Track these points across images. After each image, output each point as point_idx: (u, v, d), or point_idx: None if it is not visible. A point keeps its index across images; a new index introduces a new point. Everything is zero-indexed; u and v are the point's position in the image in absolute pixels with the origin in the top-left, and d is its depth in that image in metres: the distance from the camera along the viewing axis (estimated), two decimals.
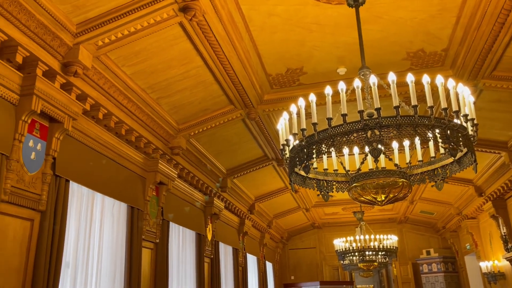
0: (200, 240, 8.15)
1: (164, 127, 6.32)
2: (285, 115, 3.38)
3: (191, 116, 6.55)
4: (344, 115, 2.79)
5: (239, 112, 6.72)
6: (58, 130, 4.25)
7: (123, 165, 5.66)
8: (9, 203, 3.70)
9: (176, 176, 6.81)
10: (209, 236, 8.67)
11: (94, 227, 4.99)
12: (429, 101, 2.75)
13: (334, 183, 3.72)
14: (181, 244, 7.45)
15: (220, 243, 9.41)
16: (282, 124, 3.35)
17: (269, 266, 14.79)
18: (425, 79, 2.89)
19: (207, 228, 8.55)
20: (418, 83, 2.96)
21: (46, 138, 4.21)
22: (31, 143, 4.01)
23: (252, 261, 12.53)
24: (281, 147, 3.30)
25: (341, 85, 2.94)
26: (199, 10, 4.20)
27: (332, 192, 3.77)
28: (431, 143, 3.48)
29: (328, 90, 2.97)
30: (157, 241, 6.37)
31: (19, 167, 3.83)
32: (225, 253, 9.93)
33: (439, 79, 2.90)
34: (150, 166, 6.23)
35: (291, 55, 5.61)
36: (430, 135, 2.79)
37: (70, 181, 4.50)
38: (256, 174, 9.61)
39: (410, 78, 2.87)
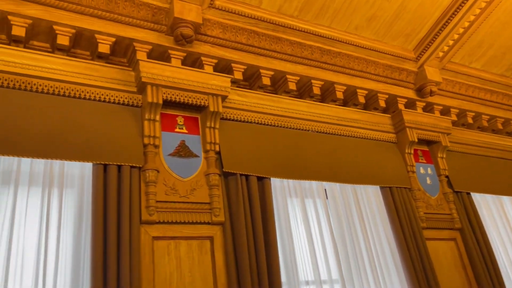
0: None
1: None
2: None
3: None
4: None
5: None
6: (439, 150, 4.38)
7: None
8: (428, 228, 3.98)
9: None
10: None
11: None
12: None
13: None
14: None
15: None
16: None
17: None
18: None
19: None
20: None
21: (432, 161, 4.40)
22: (421, 170, 4.28)
23: None
24: None
25: None
26: None
27: None
28: None
29: None
30: None
31: (422, 194, 4.12)
32: None
33: None
34: None
35: None
36: None
37: (471, 193, 4.45)
38: None
39: None
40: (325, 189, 3.69)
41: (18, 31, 2.75)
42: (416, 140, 4.19)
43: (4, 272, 2.31)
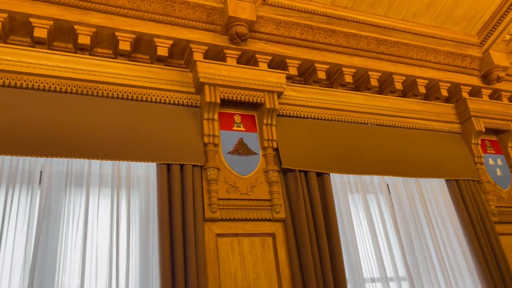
0: None
1: None
2: None
3: None
4: None
5: None
6: (510, 139, 4.11)
7: None
8: (501, 222, 3.74)
9: None
10: None
11: None
12: None
13: None
14: None
15: None
16: None
17: None
18: None
19: None
20: None
21: (502, 152, 4.14)
22: (490, 162, 4.03)
23: None
24: None
25: None
26: None
27: None
28: None
29: None
30: None
31: (492, 187, 3.88)
32: None
33: None
34: None
35: None
36: None
37: None
38: None
39: None
40: (387, 184, 3.57)
41: (84, 39, 2.89)
42: (483, 129, 3.95)
43: (80, 269, 2.43)
